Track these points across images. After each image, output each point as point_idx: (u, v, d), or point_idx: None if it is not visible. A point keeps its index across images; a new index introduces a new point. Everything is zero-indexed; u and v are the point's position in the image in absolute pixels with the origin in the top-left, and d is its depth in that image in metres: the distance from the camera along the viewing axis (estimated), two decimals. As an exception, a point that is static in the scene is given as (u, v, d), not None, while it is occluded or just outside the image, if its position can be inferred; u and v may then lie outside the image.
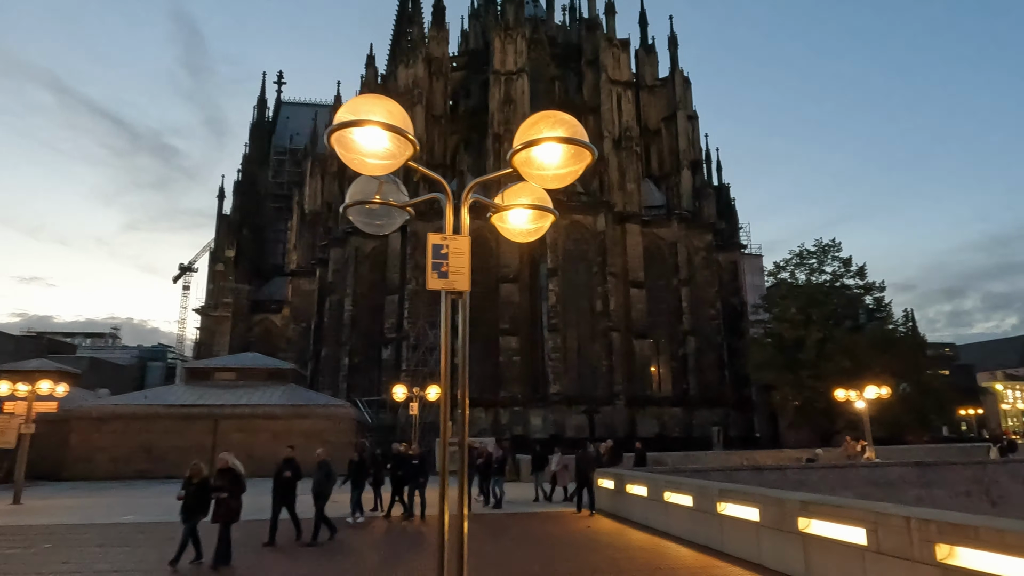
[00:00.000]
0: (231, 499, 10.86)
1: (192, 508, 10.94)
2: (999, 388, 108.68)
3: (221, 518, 10.86)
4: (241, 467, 11.50)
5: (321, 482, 13.78)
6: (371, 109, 4.00)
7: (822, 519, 7.97)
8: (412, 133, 4.15)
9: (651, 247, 57.55)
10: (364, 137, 4.05)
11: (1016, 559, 5.46)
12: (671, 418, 53.26)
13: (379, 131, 4.02)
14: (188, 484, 11.11)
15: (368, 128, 3.99)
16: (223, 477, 11.07)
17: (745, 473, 18.61)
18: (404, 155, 4.19)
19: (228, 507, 10.85)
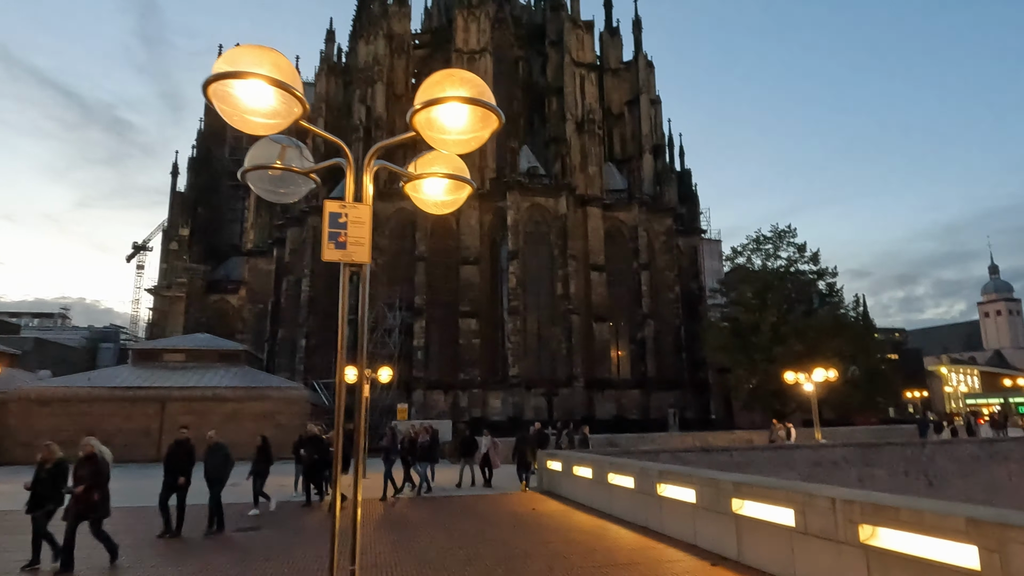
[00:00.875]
0: (89, 491, 9.23)
1: (42, 498, 9.34)
2: (944, 372, 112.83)
3: (74, 514, 9.25)
4: (108, 454, 10.01)
5: (217, 467, 12.36)
6: (255, 61, 3.62)
7: (754, 500, 7.94)
8: (301, 90, 3.78)
9: (612, 231, 57.71)
10: (246, 92, 3.67)
11: (933, 539, 5.44)
12: (629, 400, 53.80)
13: (264, 86, 3.64)
14: (40, 470, 9.55)
15: (251, 82, 3.60)
16: (84, 466, 9.46)
17: (693, 454, 18.78)
18: (292, 115, 3.81)
19: (85, 501, 9.21)
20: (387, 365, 25.42)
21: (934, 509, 5.51)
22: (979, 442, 22.23)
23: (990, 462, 20.60)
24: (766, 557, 7.75)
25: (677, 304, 58.66)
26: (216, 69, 3.64)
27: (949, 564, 5.29)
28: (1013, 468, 20.72)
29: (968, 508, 5.48)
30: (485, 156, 55.84)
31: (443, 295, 53.16)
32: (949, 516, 5.31)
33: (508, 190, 53.07)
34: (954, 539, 5.26)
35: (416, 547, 10.08)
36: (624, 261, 57.40)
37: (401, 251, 53.65)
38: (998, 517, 5.01)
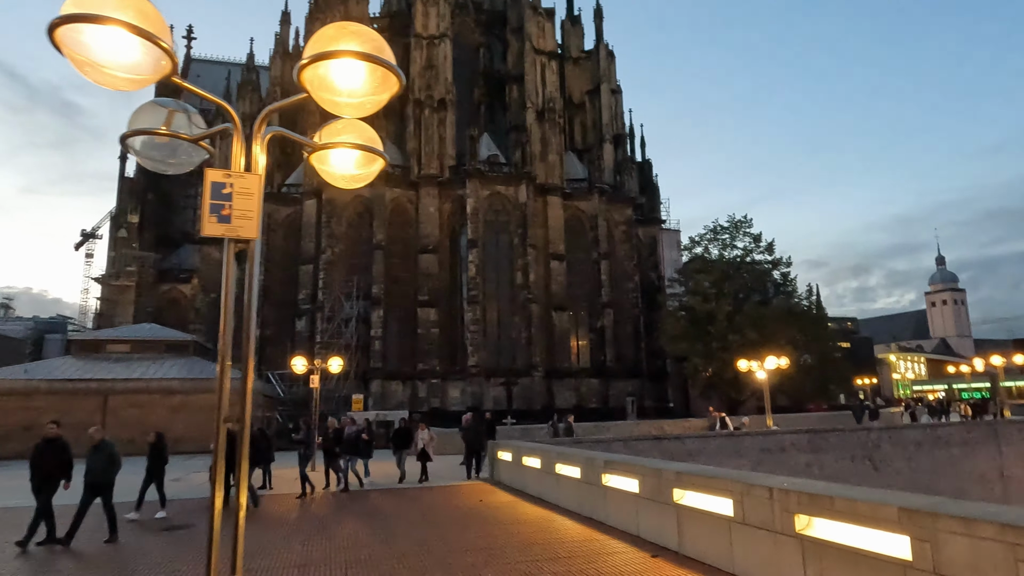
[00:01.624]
0: None
1: None
2: (893, 359, 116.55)
3: None
4: None
5: (105, 469, 10.83)
6: (116, 5, 3.15)
7: (694, 490, 7.76)
8: (170, 42, 3.32)
9: (572, 220, 57.65)
10: (103, 41, 3.20)
11: (867, 529, 5.29)
12: (588, 389, 54.00)
13: (125, 35, 3.17)
14: None
15: (108, 29, 3.13)
16: None
17: (646, 443, 18.76)
18: (159, 70, 3.35)
19: None
20: (338, 355, 24.76)
21: (868, 499, 5.36)
22: (922, 427, 22.78)
23: (932, 447, 21.11)
24: (706, 548, 7.58)
25: (636, 293, 59.02)
26: (65, 10, 3.16)
27: (882, 554, 5.15)
28: (954, 452, 21.28)
29: (901, 497, 5.35)
30: (444, 143, 55.14)
31: (401, 284, 52.44)
32: (882, 506, 5.17)
33: (468, 178, 52.51)
34: (887, 529, 5.11)
35: (336, 546, 9.64)
36: (584, 250, 57.44)
37: (359, 239, 52.70)
38: (930, 507, 4.87)
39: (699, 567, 7.43)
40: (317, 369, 22.51)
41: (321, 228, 52.99)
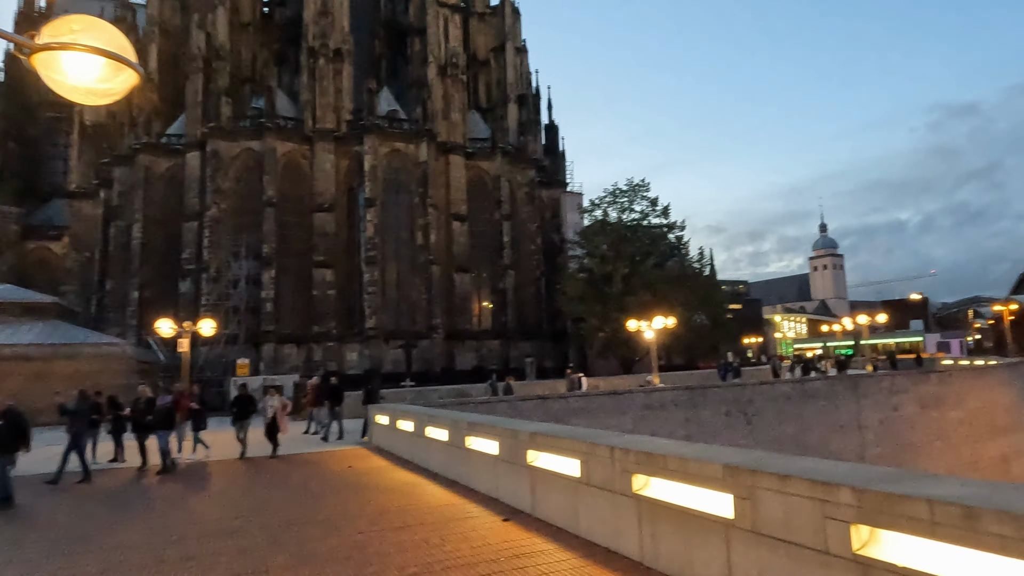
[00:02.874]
0: None
1: None
2: (777, 320, 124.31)
3: None
4: None
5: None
6: None
7: (546, 451, 7.49)
8: None
9: (475, 180, 56.78)
10: None
11: (695, 488, 5.10)
12: (490, 351, 54.06)
13: None
14: None
15: None
16: None
17: (531, 403, 18.74)
18: None
19: None
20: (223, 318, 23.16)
21: (697, 456, 5.17)
22: (792, 382, 24.14)
23: (800, 400, 22.39)
24: (555, 510, 7.36)
25: (538, 255, 59.26)
26: None
27: (708, 514, 4.99)
28: (820, 405, 22.66)
29: (727, 454, 5.19)
30: (341, 96, 52.53)
31: (295, 244, 50.07)
32: (708, 464, 4.99)
33: (366, 134, 50.41)
34: (713, 487, 4.95)
35: (153, 527, 8.79)
36: (486, 212, 56.84)
37: (248, 195, 49.68)
38: (752, 463, 4.71)
39: (548, 530, 7.19)
40: (186, 332, 20.92)
41: (206, 183, 49.49)
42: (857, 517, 3.82)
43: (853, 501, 3.83)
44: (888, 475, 4.14)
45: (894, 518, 3.61)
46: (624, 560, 5.95)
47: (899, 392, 24.31)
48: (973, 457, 25.68)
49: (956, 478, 4.00)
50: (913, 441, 24.19)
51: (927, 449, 24.47)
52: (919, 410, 24.65)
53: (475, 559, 6.32)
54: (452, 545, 6.84)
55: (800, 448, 22.01)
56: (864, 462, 23.07)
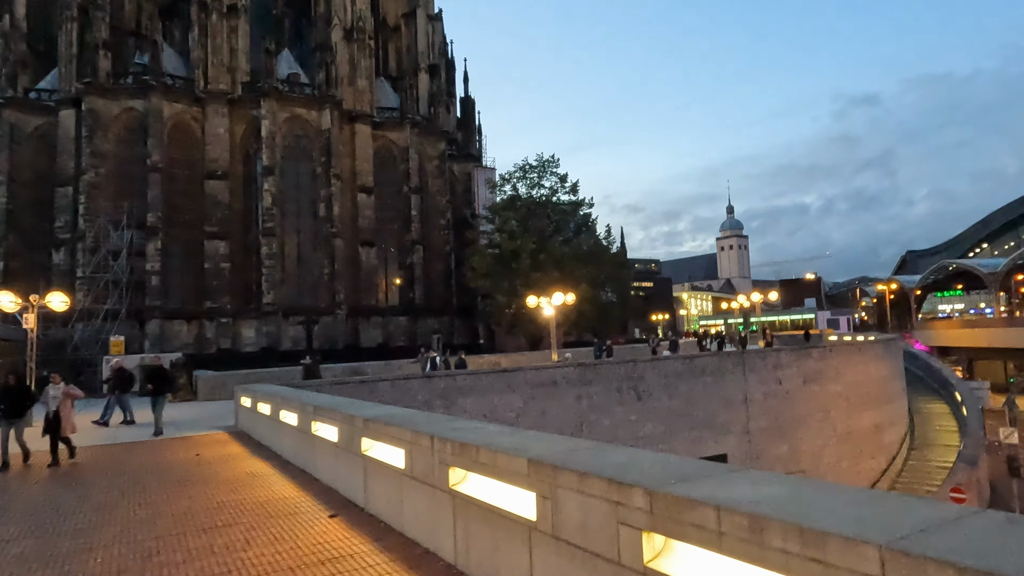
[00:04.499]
0: None
1: None
2: (685, 297, 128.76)
3: None
4: None
5: None
6: None
7: (378, 440, 6.72)
8: None
9: (382, 151, 54.79)
10: None
11: (504, 484, 4.44)
12: (397, 328, 52.77)
13: None
14: None
15: None
16: None
17: (416, 381, 17.94)
18: None
19: None
20: (60, 290, 20.91)
21: (507, 449, 4.51)
22: (682, 358, 24.45)
23: (690, 376, 22.67)
24: (384, 505, 6.62)
25: (448, 231, 58.18)
26: None
27: (513, 514, 4.35)
28: (708, 380, 23.05)
29: (538, 445, 4.55)
30: (236, 56, 49.13)
31: (185, 213, 46.74)
32: (515, 458, 4.34)
33: (263, 97, 47.40)
34: (519, 484, 4.31)
35: None
36: (394, 184, 55.09)
37: (130, 159, 45.82)
38: (557, 457, 4.08)
39: (374, 528, 6.44)
40: (32, 306, 18.71)
41: (82, 144, 45.18)
42: (649, 523, 3.23)
43: (645, 505, 3.24)
44: (697, 471, 3.58)
45: (683, 526, 3.03)
46: (440, 563, 5.28)
47: (783, 367, 25.12)
48: (849, 428, 27.03)
49: (776, 475, 3.49)
50: (795, 414, 25.12)
51: (808, 421, 25.50)
52: (802, 384, 25.60)
53: (274, 567, 5.48)
54: (256, 550, 5.97)
55: (688, 422, 22.36)
56: (748, 435, 23.78)
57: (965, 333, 72.09)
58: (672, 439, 21.88)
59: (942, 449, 32.40)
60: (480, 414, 18.49)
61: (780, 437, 24.65)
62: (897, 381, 33.30)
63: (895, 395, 32.34)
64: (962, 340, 70.41)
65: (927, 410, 38.57)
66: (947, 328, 77.83)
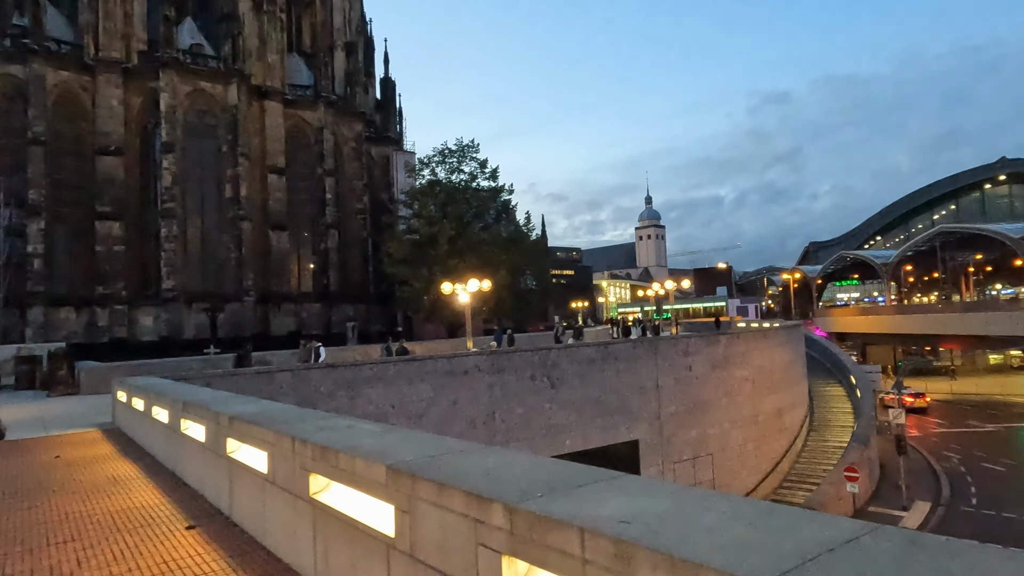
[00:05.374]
0: None
1: None
2: (604, 285, 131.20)
3: None
4: None
5: None
6: None
7: (243, 441, 5.94)
8: None
9: (295, 131, 52.42)
10: None
11: (362, 494, 3.82)
12: (310, 315, 50.87)
13: None
14: None
15: None
16: None
17: (318, 371, 16.99)
18: None
19: None
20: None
21: (369, 453, 3.92)
22: (596, 345, 24.48)
23: (604, 363, 22.70)
24: (248, 514, 5.90)
25: (365, 215, 56.48)
26: None
27: (372, 529, 3.77)
28: (621, 367, 23.17)
29: (407, 447, 3.99)
30: (132, 22, 45.54)
31: (74, 191, 43.16)
32: (375, 464, 3.76)
33: (162, 68, 44.24)
34: (377, 495, 3.75)
35: None
36: (308, 165, 52.91)
37: (8, 130, 41.68)
38: (420, 465, 3.50)
39: (236, 540, 5.70)
40: None
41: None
42: (509, 546, 2.72)
43: (504, 523, 2.73)
44: (572, 478, 3.10)
45: (546, 551, 2.53)
46: (300, 582, 4.63)
47: (693, 353, 25.61)
48: (754, 411, 27.96)
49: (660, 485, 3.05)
50: (703, 399, 25.69)
51: (715, 405, 26.15)
52: (710, 370, 26.20)
53: (101, 595, 4.67)
54: (86, 574, 5.12)
55: (601, 409, 22.39)
56: (660, 421, 24.11)
57: (860, 320, 76.82)
58: (585, 426, 21.86)
59: (838, 430, 34.18)
60: (388, 405, 17.77)
61: (690, 422, 25.14)
62: (799, 366, 34.81)
63: (797, 379, 33.79)
64: (857, 326, 75.00)
65: (825, 393, 40.66)
66: (844, 315, 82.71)
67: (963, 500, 29.24)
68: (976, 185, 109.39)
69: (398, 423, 17.83)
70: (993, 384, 59.90)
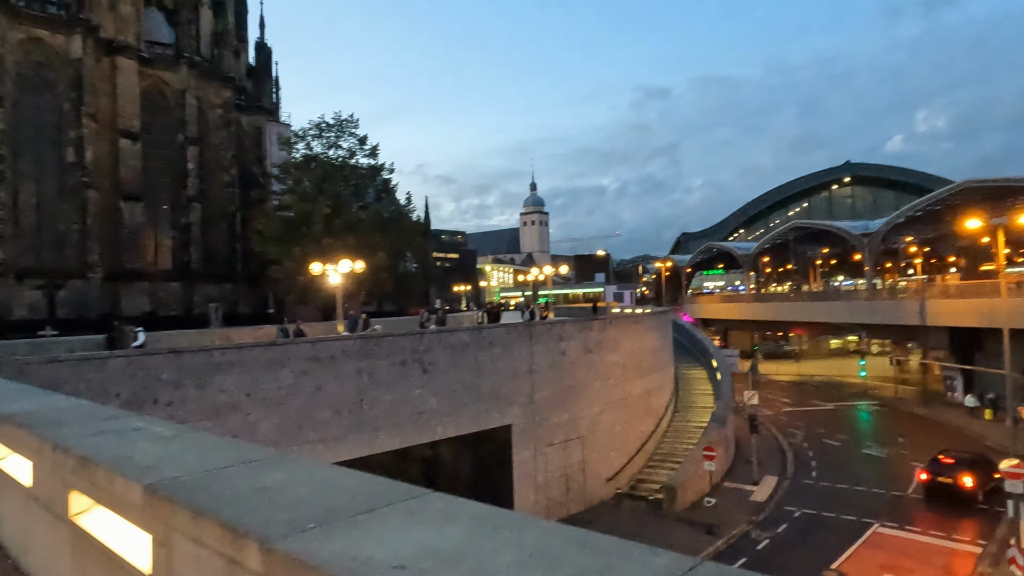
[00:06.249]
0: None
1: None
2: (488, 270, 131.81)
3: None
4: None
5: None
6: None
7: (8, 446, 4.88)
8: None
9: (152, 92, 47.82)
10: None
11: (120, 519, 3.06)
12: (169, 295, 46.93)
13: None
14: None
15: None
16: None
17: (159, 357, 15.32)
18: None
19: None
20: None
21: (132, 468, 3.17)
22: (470, 330, 24.16)
23: (478, 348, 22.38)
24: (12, 533, 4.90)
25: (234, 188, 52.75)
26: None
27: (130, 564, 3.04)
28: (496, 352, 22.96)
29: (189, 457, 3.28)
30: (-51, -47, 39.34)
31: None
32: (133, 483, 3.02)
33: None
34: (136, 522, 3.00)
35: None
36: (168, 132, 48.53)
37: None
38: (184, 486, 2.80)
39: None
40: None
41: None
42: (265, 595, 2.13)
43: (260, 567, 2.14)
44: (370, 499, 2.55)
45: (304, 604, 1.96)
46: (59, 622, 3.78)
47: (567, 338, 25.91)
48: (624, 394, 28.84)
49: (459, 507, 2.56)
50: (576, 383, 26.10)
51: (587, 389, 26.67)
52: (583, 354, 26.64)
53: None
54: None
55: (474, 395, 22.09)
56: (533, 405, 24.21)
57: (723, 307, 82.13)
58: (458, 413, 21.47)
59: (699, 411, 36.15)
60: (242, 393, 16.43)
61: (562, 405, 25.46)
62: (666, 350, 36.38)
63: (664, 363, 35.30)
64: (721, 313, 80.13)
65: (690, 376, 42.92)
66: (710, 302, 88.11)
67: (805, 473, 31.86)
68: (825, 185, 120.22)
69: (253, 412, 16.57)
70: (833, 366, 66.14)
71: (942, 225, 60.21)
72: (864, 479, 30.45)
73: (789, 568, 20.92)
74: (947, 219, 56.17)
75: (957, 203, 49.58)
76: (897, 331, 53.93)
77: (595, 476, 26.81)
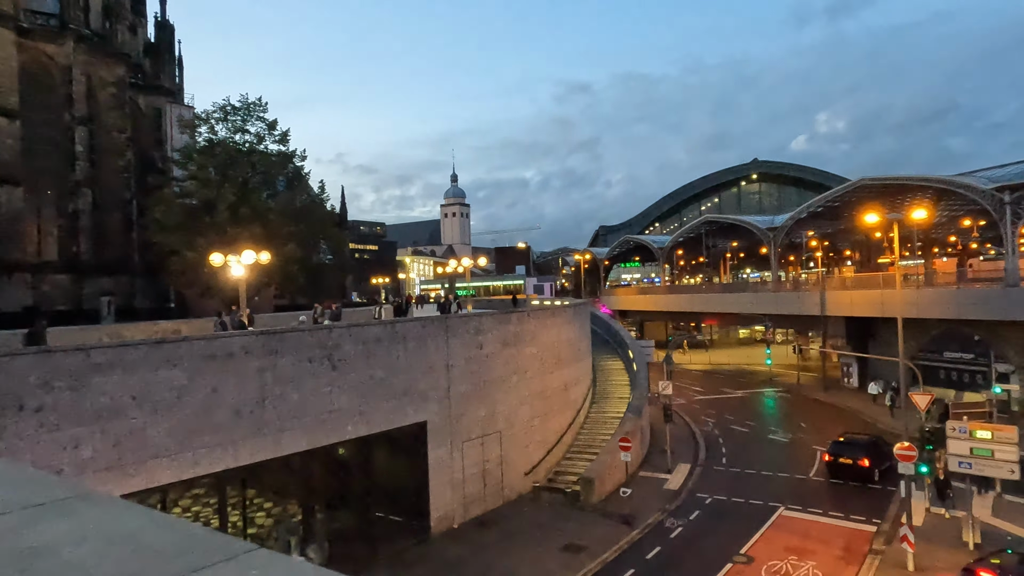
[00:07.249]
0: None
1: None
2: (408, 261, 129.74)
3: None
4: None
5: None
6: None
7: None
8: None
9: (34, 67, 43.68)
10: None
11: None
12: (54, 288, 43.14)
13: None
14: None
15: None
16: None
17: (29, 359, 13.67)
18: None
19: None
20: None
21: None
22: (383, 324, 23.28)
23: (391, 343, 21.55)
24: None
25: (129, 173, 49.05)
26: None
27: None
28: (410, 347, 22.20)
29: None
30: None
31: None
32: None
33: None
34: None
35: None
36: (53, 111, 44.47)
37: None
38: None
39: None
40: None
41: None
42: None
43: None
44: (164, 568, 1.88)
45: None
46: None
47: (485, 332, 25.43)
48: (542, 387, 28.68)
49: None
50: (494, 377, 25.69)
51: (505, 383, 26.32)
52: (501, 348, 26.25)
53: None
54: None
55: (387, 391, 21.27)
56: (449, 400, 23.61)
57: (639, 299, 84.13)
58: (370, 410, 20.60)
59: (616, 401, 36.62)
60: (127, 396, 14.97)
61: (480, 400, 25.00)
62: (584, 342, 36.58)
63: (582, 355, 35.47)
64: (637, 304, 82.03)
65: (607, 367, 43.46)
66: (626, 294, 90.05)
67: (716, 460, 32.87)
68: (734, 182, 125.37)
69: (140, 417, 15.15)
70: (741, 355, 69.06)
71: (840, 220, 63.79)
72: (770, 463, 31.73)
73: (702, 555, 21.36)
74: (845, 215, 59.52)
75: (854, 199, 52.49)
76: (800, 321, 56.76)
77: (514, 470, 26.54)
